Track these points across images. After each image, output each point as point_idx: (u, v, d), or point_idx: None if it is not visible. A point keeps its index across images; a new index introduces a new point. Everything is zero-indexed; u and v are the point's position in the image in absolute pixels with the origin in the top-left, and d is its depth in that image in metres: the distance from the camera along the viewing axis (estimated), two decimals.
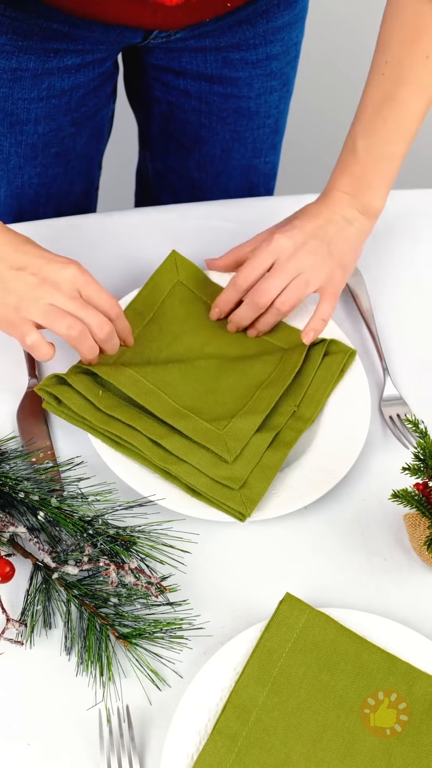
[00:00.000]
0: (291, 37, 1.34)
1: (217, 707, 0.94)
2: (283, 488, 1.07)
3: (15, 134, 1.29)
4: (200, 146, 1.42)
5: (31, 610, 0.97)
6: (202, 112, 1.38)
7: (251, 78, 1.34)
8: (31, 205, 1.38)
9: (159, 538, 1.01)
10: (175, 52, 1.31)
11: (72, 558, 0.98)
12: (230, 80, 1.33)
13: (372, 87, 1.13)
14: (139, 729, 0.93)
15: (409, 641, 0.98)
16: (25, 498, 1.00)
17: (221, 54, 1.30)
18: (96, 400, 1.06)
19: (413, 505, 1.00)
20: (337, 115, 2.22)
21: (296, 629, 0.97)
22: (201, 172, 1.46)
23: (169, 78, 1.35)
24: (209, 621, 1.00)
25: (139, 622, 0.96)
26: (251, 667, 0.95)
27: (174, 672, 0.97)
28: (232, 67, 1.32)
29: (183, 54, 1.31)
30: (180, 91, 1.36)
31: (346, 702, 0.95)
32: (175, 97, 1.37)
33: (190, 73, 1.33)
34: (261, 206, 1.34)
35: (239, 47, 1.30)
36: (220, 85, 1.34)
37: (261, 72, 1.34)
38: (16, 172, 1.34)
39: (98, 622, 0.96)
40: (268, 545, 1.06)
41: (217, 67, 1.32)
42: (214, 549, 1.05)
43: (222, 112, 1.37)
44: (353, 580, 1.04)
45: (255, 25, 1.28)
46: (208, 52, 1.30)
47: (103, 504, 1.03)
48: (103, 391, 1.07)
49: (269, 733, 0.92)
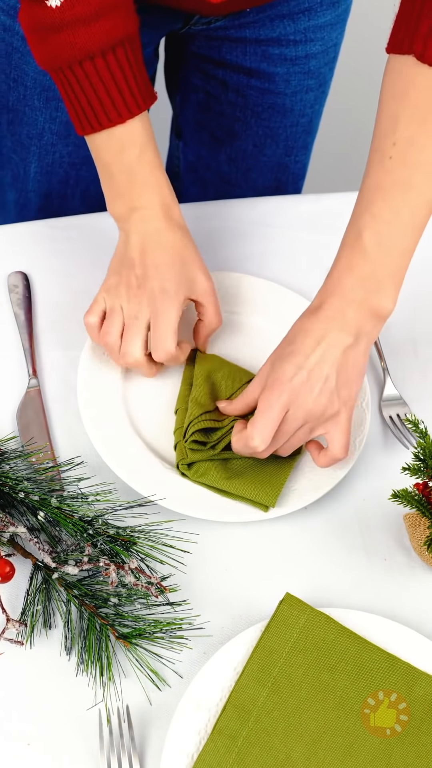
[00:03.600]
0: (331, 37, 1.32)
1: (217, 707, 0.94)
2: (283, 488, 1.07)
3: (50, 110, 1.28)
4: (233, 140, 1.41)
5: (31, 610, 0.97)
6: (237, 105, 1.36)
7: (289, 75, 1.32)
8: (60, 185, 1.37)
9: (159, 538, 1.01)
10: (216, 41, 1.30)
11: (72, 558, 0.97)
12: (268, 75, 1.32)
13: (377, 171, 1.00)
14: (139, 729, 0.93)
15: (409, 641, 0.98)
16: (25, 498, 1.00)
17: (261, 47, 1.29)
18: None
19: (413, 505, 1.00)
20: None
21: (296, 629, 0.97)
22: (231, 167, 1.44)
23: (208, 67, 1.35)
24: (209, 621, 1.00)
25: (139, 622, 0.96)
26: (251, 667, 0.95)
27: (174, 672, 0.97)
28: (271, 61, 1.30)
29: (223, 44, 1.30)
30: (218, 81, 1.35)
31: (346, 702, 0.94)
32: (213, 87, 1.37)
33: (230, 65, 1.32)
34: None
35: (279, 42, 1.29)
36: (257, 79, 1.33)
37: (299, 69, 1.32)
38: (48, 149, 1.33)
39: (98, 622, 0.96)
40: (268, 545, 1.06)
41: (256, 60, 1.31)
42: (214, 549, 1.04)
43: (257, 107, 1.36)
44: (353, 580, 1.04)
45: (296, 21, 1.27)
46: (248, 44, 1.29)
47: (103, 504, 1.03)
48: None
49: (269, 733, 0.92)
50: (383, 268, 1.01)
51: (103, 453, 1.07)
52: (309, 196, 1.25)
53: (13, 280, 1.21)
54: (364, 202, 1.01)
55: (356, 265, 1.01)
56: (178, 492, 1.05)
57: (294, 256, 1.27)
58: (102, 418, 1.10)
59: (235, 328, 1.20)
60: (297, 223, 1.31)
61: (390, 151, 0.99)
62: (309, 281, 1.24)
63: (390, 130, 0.99)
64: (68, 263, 1.24)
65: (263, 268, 1.26)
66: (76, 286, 1.22)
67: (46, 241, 1.26)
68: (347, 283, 1.01)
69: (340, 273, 1.02)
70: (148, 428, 1.11)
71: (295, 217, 1.31)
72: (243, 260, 1.27)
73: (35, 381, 1.14)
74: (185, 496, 1.05)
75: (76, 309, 1.20)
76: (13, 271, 1.22)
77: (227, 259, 1.27)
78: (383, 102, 1.00)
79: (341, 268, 1.02)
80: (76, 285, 1.22)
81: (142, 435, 1.10)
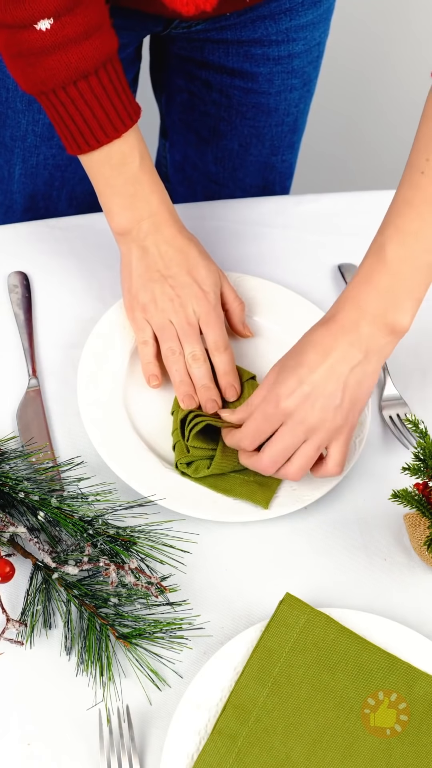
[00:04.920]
0: (314, 36, 1.32)
1: (217, 707, 0.93)
2: (283, 488, 1.07)
3: (33, 112, 1.29)
4: (218, 139, 1.42)
5: (31, 610, 0.97)
6: (221, 105, 1.37)
7: (272, 74, 1.33)
8: (45, 186, 1.38)
9: (159, 538, 1.01)
10: (197, 43, 1.31)
11: (72, 558, 0.97)
12: (251, 75, 1.33)
13: (408, 186, 0.98)
14: (139, 729, 0.93)
15: (409, 641, 0.98)
16: (25, 498, 1.00)
17: (243, 48, 1.30)
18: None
19: (413, 505, 1.00)
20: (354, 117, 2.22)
21: (296, 629, 0.97)
22: (218, 166, 1.45)
23: (191, 68, 1.35)
24: (209, 621, 1.00)
25: (139, 622, 0.96)
26: (251, 667, 0.95)
27: (174, 672, 0.97)
28: (253, 62, 1.31)
29: (205, 45, 1.30)
30: (201, 81, 1.36)
31: (346, 702, 0.94)
32: (196, 87, 1.37)
33: (212, 65, 1.33)
34: (273, 206, 1.34)
35: (261, 43, 1.29)
36: (240, 79, 1.33)
37: (282, 69, 1.33)
38: (32, 151, 1.33)
39: (98, 622, 0.95)
40: (268, 545, 1.06)
41: (239, 60, 1.31)
42: (214, 549, 1.04)
43: (241, 107, 1.37)
44: (353, 580, 1.04)
45: (278, 21, 1.27)
46: (230, 45, 1.29)
47: (103, 504, 1.03)
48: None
49: (269, 733, 0.92)
50: (402, 282, 0.98)
51: (103, 453, 1.06)
52: (307, 196, 1.25)
53: (13, 280, 1.21)
54: (392, 215, 0.99)
55: (375, 278, 0.98)
56: (177, 492, 1.05)
57: (292, 257, 1.28)
58: (102, 418, 1.09)
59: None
60: (296, 223, 1.31)
61: (423, 167, 0.97)
62: (307, 282, 1.24)
63: (424, 147, 0.97)
64: (68, 263, 1.24)
65: (262, 269, 1.26)
66: (76, 286, 1.22)
67: (46, 241, 1.26)
68: (364, 295, 0.99)
69: (358, 284, 1.00)
70: (148, 428, 1.11)
71: (295, 217, 1.31)
72: (241, 261, 1.27)
73: (35, 381, 1.14)
74: (185, 496, 1.05)
75: (76, 309, 1.20)
76: (13, 271, 1.22)
77: (225, 259, 1.26)
78: (423, 121, 0.99)
79: (360, 280, 1.00)
80: (76, 285, 1.22)
81: (142, 435, 1.10)
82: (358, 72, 2.23)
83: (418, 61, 2.15)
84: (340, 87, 2.21)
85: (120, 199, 1.10)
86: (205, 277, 1.12)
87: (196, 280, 1.12)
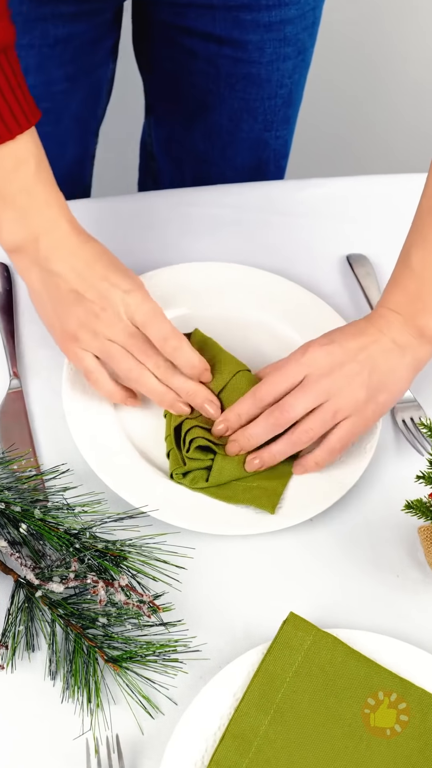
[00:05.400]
0: (309, 0, 1.31)
1: (215, 737, 0.92)
2: (286, 499, 1.06)
3: None
4: (206, 114, 1.41)
5: (13, 631, 0.95)
6: (209, 75, 1.36)
7: (263, 42, 1.32)
8: None
9: (152, 552, 0.99)
10: (181, 8, 1.30)
11: (57, 574, 0.96)
12: (240, 43, 1.31)
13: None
14: (129, 760, 0.92)
15: (423, 665, 0.96)
16: (5, 509, 0.99)
17: (231, 13, 1.29)
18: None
19: (428, 517, 0.98)
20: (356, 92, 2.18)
21: (301, 652, 0.95)
22: (207, 144, 1.45)
23: (175, 34, 1.35)
24: (206, 643, 0.98)
25: (130, 644, 0.95)
26: (252, 693, 0.93)
27: (168, 698, 0.95)
28: (243, 28, 1.30)
29: (189, 10, 1.30)
30: (186, 50, 1.35)
31: (355, 731, 0.93)
32: (180, 55, 1.37)
33: (198, 32, 1.32)
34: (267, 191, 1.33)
35: (250, 8, 1.28)
36: (229, 47, 1.33)
37: (273, 36, 1.31)
38: None
39: (86, 644, 0.94)
40: (271, 560, 1.04)
41: (227, 27, 1.30)
42: (212, 564, 1.03)
43: (230, 78, 1.36)
44: (363, 599, 1.03)
45: None
46: (217, 11, 1.29)
47: (91, 516, 1.02)
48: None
49: (271, 765, 0.90)
50: (428, 288, 1.04)
51: (91, 460, 1.05)
52: (311, 180, 1.29)
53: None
54: (418, 221, 1.05)
55: (403, 283, 1.05)
56: (172, 502, 1.04)
57: (295, 247, 1.27)
58: (89, 422, 1.08)
59: (237, 321, 1.19)
60: (300, 210, 1.31)
61: None
62: (313, 274, 1.25)
63: None
64: None
65: (263, 260, 1.26)
66: None
67: None
68: (395, 297, 1.06)
69: (390, 288, 1.07)
70: (139, 433, 1.10)
71: (298, 204, 1.31)
72: (240, 251, 1.26)
73: (17, 382, 1.13)
74: (180, 506, 1.04)
75: None
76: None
77: (222, 250, 1.26)
78: None
79: (392, 283, 1.07)
80: None
81: (133, 440, 1.09)
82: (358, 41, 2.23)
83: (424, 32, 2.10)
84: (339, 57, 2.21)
85: (11, 212, 1.03)
86: (124, 279, 1.05)
87: (114, 283, 1.04)
